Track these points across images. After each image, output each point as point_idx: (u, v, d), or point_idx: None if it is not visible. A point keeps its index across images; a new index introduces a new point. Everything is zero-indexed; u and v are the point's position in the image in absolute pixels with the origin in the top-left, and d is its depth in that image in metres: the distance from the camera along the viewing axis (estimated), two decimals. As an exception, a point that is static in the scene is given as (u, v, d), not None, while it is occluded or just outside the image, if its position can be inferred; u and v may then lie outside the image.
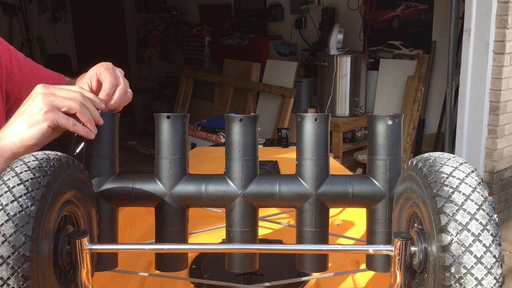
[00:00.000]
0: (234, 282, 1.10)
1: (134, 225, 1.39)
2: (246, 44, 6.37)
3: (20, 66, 1.16)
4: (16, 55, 1.17)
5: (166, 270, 0.91)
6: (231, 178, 0.88)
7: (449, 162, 0.73)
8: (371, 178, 0.88)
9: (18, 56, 1.17)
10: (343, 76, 5.06)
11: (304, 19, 5.79)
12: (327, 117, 0.89)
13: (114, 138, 0.92)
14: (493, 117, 3.75)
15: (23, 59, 1.19)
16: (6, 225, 0.65)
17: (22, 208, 0.66)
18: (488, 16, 3.59)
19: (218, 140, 4.87)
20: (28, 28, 7.60)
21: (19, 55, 1.18)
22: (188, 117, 0.91)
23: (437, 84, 4.84)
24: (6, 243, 0.64)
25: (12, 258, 0.64)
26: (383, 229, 0.89)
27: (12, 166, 0.72)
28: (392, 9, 5.16)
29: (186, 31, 7.45)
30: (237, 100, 6.02)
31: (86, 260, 0.77)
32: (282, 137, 2.07)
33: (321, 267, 0.91)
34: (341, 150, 4.96)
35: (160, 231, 0.89)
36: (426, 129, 4.95)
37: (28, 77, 1.17)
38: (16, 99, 1.16)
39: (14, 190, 0.68)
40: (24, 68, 1.17)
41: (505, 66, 3.63)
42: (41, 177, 0.70)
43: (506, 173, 3.95)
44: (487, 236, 0.65)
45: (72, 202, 0.79)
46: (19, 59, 1.17)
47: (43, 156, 0.74)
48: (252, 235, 0.89)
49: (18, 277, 0.64)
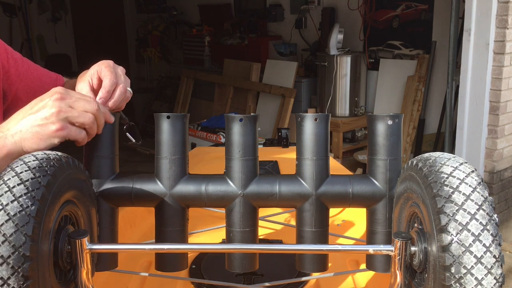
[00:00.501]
0: (234, 282, 1.10)
1: (134, 225, 1.39)
2: (246, 44, 6.37)
3: (17, 65, 1.16)
4: (13, 54, 1.17)
5: (166, 270, 0.91)
6: (231, 178, 0.88)
7: (449, 162, 0.73)
8: (371, 178, 0.88)
9: (15, 55, 1.17)
10: (343, 76, 5.06)
11: (304, 19, 5.79)
12: (327, 117, 0.89)
13: (114, 138, 0.92)
14: (493, 117, 3.75)
15: (20, 58, 1.18)
16: (6, 225, 0.65)
17: (23, 208, 0.66)
18: (488, 16, 3.59)
19: (218, 140, 4.87)
20: (28, 28, 7.59)
21: (16, 54, 1.18)
22: (188, 117, 0.91)
23: (437, 84, 4.83)
24: (6, 243, 0.64)
25: (12, 258, 0.64)
26: (383, 229, 0.89)
27: (13, 166, 0.72)
28: (392, 9, 5.16)
29: (186, 31, 7.45)
30: (237, 100, 6.02)
31: (86, 260, 0.77)
32: (282, 137, 2.07)
33: (321, 267, 0.91)
34: (341, 150, 4.96)
35: (160, 231, 0.89)
36: (426, 129, 4.95)
37: (25, 76, 1.17)
38: (13, 99, 1.16)
39: (14, 190, 0.68)
40: (21, 67, 1.17)
41: (505, 66, 3.63)
42: (41, 177, 0.70)
43: (506, 173, 3.95)
44: (487, 236, 0.66)
45: (72, 202, 0.79)
46: (16, 59, 1.17)
47: (43, 156, 0.74)
48: (252, 235, 0.89)
49: (18, 277, 0.64)
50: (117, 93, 0.96)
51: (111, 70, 0.97)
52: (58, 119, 0.84)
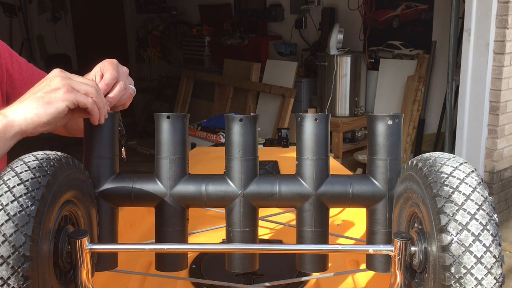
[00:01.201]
0: (234, 282, 1.10)
1: (134, 225, 1.39)
2: (246, 44, 6.37)
3: (21, 70, 1.17)
4: (18, 59, 1.17)
5: (166, 270, 0.91)
6: (231, 178, 0.88)
7: (449, 162, 0.73)
8: (371, 178, 0.88)
9: (20, 60, 1.18)
10: (343, 76, 5.06)
11: (304, 19, 5.79)
12: (327, 117, 0.89)
13: (114, 138, 0.92)
14: (493, 117, 3.75)
15: (25, 63, 1.19)
16: (6, 225, 0.65)
17: (22, 208, 0.66)
18: (488, 16, 3.59)
19: (218, 140, 4.87)
20: (28, 28, 7.59)
21: (21, 59, 1.18)
22: (188, 117, 0.91)
23: (437, 84, 4.84)
24: (7, 243, 0.64)
25: (12, 258, 0.64)
26: (383, 229, 0.89)
27: (13, 166, 0.72)
28: (392, 9, 5.16)
29: (186, 31, 7.45)
30: (237, 100, 6.02)
31: (86, 260, 0.77)
32: (282, 137, 2.07)
33: (321, 267, 0.91)
34: (341, 150, 4.96)
35: (160, 231, 0.89)
36: (426, 129, 4.95)
37: (29, 81, 1.17)
38: None
39: (14, 190, 0.68)
40: (25, 72, 1.17)
41: (505, 66, 3.63)
42: (41, 177, 0.70)
43: (506, 173, 3.95)
44: (487, 236, 0.65)
45: (72, 202, 0.79)
46: (21, 64, 1.17)
47: (43, 156, 0.74)
48: (252, 235, 0.89)
49: (18, 277, 0.64)
50: (117, 88, 0.97)
51: (113, 66, 0.99)
52: (63, 83, 0.85)
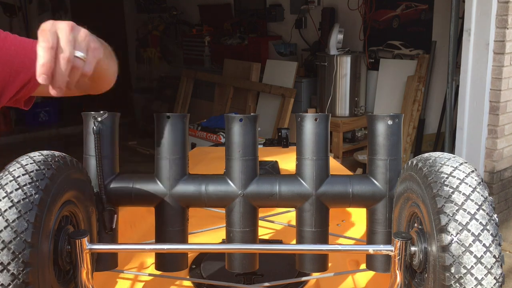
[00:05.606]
0: (234, 282, 1.09)
1: (134, 225, 1.39)
2: (246, 44, 6.37)
3: None
4: None
5: (166, 270, 0.91)
6: (231, 178, 0.88)
7: (449, 162, 0.73)
8: (371, 178, 0.88)
9: None
10: (343, 76, 5.05)
11: (304, 19, 5.79)
12: (327, 117, 0.89)
13: (114, 138, 0.92)
14: (493, 117, 3.74)
15: None
16: (5, 230, 0.65)
17: (21, 214, 0.66)
18: (488, 16, 3.59)
19: (218, 140, 4.86)
20: (28, 28, 7.59)
21: None
22: (188, 117, 0.91)
23: (437, 84, 4.83)
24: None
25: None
26: (383, 229, 0.89)
27: (10, 169, 0.72)
28: (392, 9, 5.16)
29: (186, 31, 7.44)
30: (237, 100, 6.02)
31: (86, 260, 0.77)
32: (282, 137, 2.07)
33: (321, 267, 0.91)
34: (341, 150, 4.96)
35: (160, 231, 0.89)
36: (426, 129, 4.95)
37: None
38: None
39: (12, 195, 0.68)
40: None
41: (505, 66, 3.63)
42: (39, 180, 0.70)
43: (506, 173, 3.95)
44: (487, 236, 0.65)
45: (72, 202, 0.79)
46: None
47: (42, 158, 0.74)
48: (252, 235, 0.89)
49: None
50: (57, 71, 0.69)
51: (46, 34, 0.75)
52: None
